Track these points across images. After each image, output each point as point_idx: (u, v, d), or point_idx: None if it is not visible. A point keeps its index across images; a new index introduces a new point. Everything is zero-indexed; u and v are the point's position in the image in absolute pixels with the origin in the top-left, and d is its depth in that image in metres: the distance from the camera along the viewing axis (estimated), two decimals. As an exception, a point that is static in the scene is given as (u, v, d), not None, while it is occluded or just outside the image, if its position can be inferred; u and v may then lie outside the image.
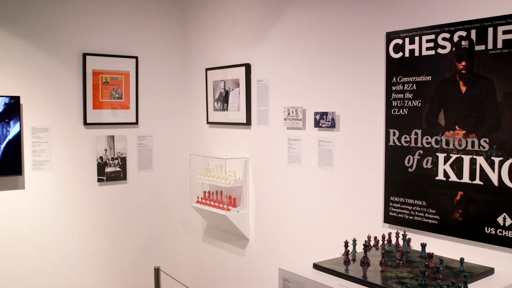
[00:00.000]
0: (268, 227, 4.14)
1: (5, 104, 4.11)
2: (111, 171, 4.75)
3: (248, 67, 4.22)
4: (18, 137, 4.18)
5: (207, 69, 4.70)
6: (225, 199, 4.38)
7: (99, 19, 4.62)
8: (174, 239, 5.19)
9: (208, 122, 4.76)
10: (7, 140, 4.14)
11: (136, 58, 4.81)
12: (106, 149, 4.71)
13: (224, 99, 4.51)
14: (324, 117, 3.51)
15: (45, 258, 4.46)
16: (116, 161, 4.78)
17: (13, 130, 4.16)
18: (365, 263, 2.60)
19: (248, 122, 4.26)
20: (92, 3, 4.58)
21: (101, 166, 4.69)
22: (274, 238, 4.07)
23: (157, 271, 4.11)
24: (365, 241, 2.73)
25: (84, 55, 4.53)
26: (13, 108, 4.15)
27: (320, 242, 3.63)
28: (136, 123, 4.86)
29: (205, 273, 4.99)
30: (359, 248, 2.80)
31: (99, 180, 4.69)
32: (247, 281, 4.41)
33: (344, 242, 2.71)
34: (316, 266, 2.61)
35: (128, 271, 4.92)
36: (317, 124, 3.58)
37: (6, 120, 4.12)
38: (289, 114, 3.81)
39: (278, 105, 3.96)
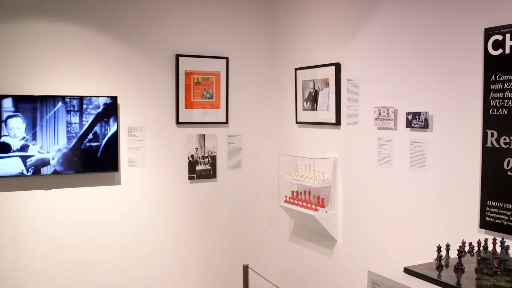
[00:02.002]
0: (356, 229, 4.07)
1: (104, 104, 4.32)
2: (201, 169, 4.87)
3: (338, 66, 4.17)
4: (115, 136, 4.39)
5: (296, 69, 4.70)
6: (313, 199, 4.35)
7: (191, 21, 4.75)
8: (262, 237, 5.23)
9: (297, 122, 4.76)
10: (106, 138, 4.35)
11: (227, 58, 4.89)
12: (197, 148, 4.83)
13: (313, 98, 4.49)
14: (417, 117, 3.40)
15: (134, 252, 4.65)
16: (206, 160, 4.88)
17: (111, 129, 4.37)
18: (459, 269, 2.49)
19: (338, 122, 4.21)
20: (184, 6, 4.71)
21: (192, 164, 4.82)
22: (363, 240, 4.00)
23: (245, 268, 4.15)
24: (460, 246, 2.62)
25: (177, 56, 4.67)
26: (111, 108, 4.35)
27: (411, 245, 3.52)
28: (226, 122, 4.94)
29: (292, 273, 4.99)
30: (453, 254, 2.69)
31: (190, 178, 4.82)
32: (334, 283, 4.37)
33: (437, 246, 2.61)
34: (407, 271, 2.53)
35: (216, 268, 5.01)
36: (409, 124, 3.48)
37: (105, 120, 4.33)
38: (380, 114, 3.72)
39: (368, 105, 3.89)
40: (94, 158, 4.31)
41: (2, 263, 4.17)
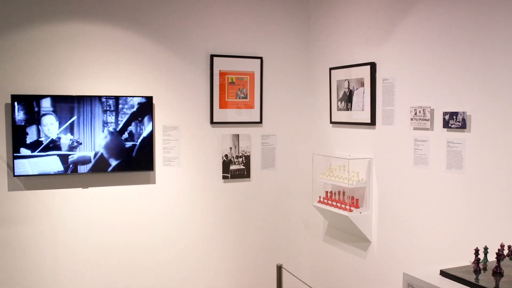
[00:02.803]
0: (391, 230, 4.02)
1: (139, 104, 4.38)
2: (235, 168, 4.88)
3: (373, 66, 4.13)
4: (150, 135, 4.44)
5: (331, 69, 4.67)
6: (348, 199, 4.32)
7: (226, 21, 4.77)
8: (295, 237, 5.22)
9: (331, 122, 4.73)
10: (141, 137, 4.41)
11: (261, 58, 4.90)
12: (231, 148, 4.85)
13: (347, 98, 4.46)
14: (454, 117, 3.34)
15: (168, 251, 4.70)
16: (240, 159, 4.90)
17: (146, 128, 4.42)
18: (497, 273, 2.43)
19: (373, 122, 4.17)
20: (219, 7, 4.73)
21: (226, 164, 4.84)
22: (398, 242, 3.95)
23: (279, 268, 4.15)
24: (498, 249, 2.56)
25: (212, 56, 4.70)
26: (147, 107, 4.41)
27: (447, 248, 3.46)
28: (260, 122, 4.95)
29: (325, 273, 4.97)
30: (491, 257, 2.63)
31: (223, 178, 4.84)
32: (368, 284, 4.32)
33: (475, 249, 2.56)
34: (444, 273, 2.49)
35: (249, 267, 5.02)
36: (446, 124, 3.41)
37: (140, 119, 4.39)
38: (416, 114, 3.67)
39: (404, 105, 3.84)
40: (130, 157, 4.37)
41: (40, 260, 4.27)
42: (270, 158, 5.03)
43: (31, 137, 4.07)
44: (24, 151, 4.06)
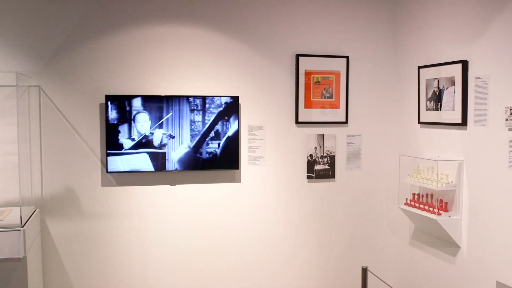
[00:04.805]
0: (483, 236, 3.84)
1: (226, 103, 4.46)
2: (320, 169, 4.86)
3: (465, 64, 3.97)
4: (236, 134, 4.51)
5: (419, 67, 4.53)
6: (436, 202, 4.18)
7: (311, 20, 4.75)
8: (380, 240, 5.12)
9: (419, 122, 4.59)
10: (226, 136, 4.49)
11: (347, 57, 4.84)
12: (315, 147, 4.83)
13: (437, 98, 4.31)
14: (554, 117, 3.14)
15: (253, 250, 4.76)
16: (325, 159, 4.87)
17: (232, 127, 4.49)
18: None
19: (464, 123, 4.00)
20: (304, 6, 4.72)
21: (310, 164, 4.82)
22: (491, 248, 3.77)
23: (364, 271, 4.09)
24: None
25: (297, 56, 4.70)
26: (233, 107, 4.48)
27: (545, 256, 3.27)
28: (346, 122, 4.89)
29: (411, 278, 4.83)
30: None
31: (308, 178, 4.83)
32: (458, 291, 4.17)
33: None
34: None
35: (333, 269, 4.98)
36: (544, 125, 3.23)
37: (226, 118, 4.47)
38: (511, 114, 3.49)
39: (498, 104, 3.66)
40: (216, 156, 4.46)
41: (130, 254, 4.46)
42: (356, 159, 4.96)
43: (123, 135, 4.26)
44: (116, 149, 4.25)
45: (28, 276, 3.66)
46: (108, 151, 4.24)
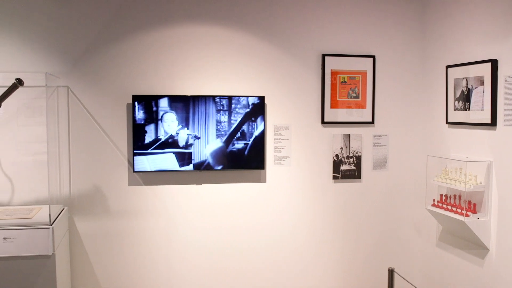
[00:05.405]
0: (512, 238, 3.78)
1: (252, 104, 4.46)
2: (346, 169, 4.83)
3: (494, 63, 3.90)
4: (262, 134, 4.51)
5: (447, 67, 4.48)
6: (464, 204, 4.12)
7: (337, 20, 4.72)
8: (407, 241, 5.06)
9: (447, 122, 4.53)
10: (253, 136, 4.49)
11: (374, 57, 4.80)
12: (341, 148, 4.80)
13: (465, 98, 4.25)
14: None
15: (278, 250, 4.75)
16: (351, 160, 4.84)
17: (259, 127, 4.50)
18: None
19: (493, 123, 3.94)
20: (330, 5, 4.70)
21: (336, 164, 4.80)
22: (520, 251, 3.70)
23: (391, 272, 4.06)
24: None
25: (323, 56, 4.68)
26: (259, 107, 4.48)
27: None
28: (372, 122, 4.85)
29: (438, 280, 4.77)
30: None
31: (334, 178, 4.81)
32: (486, 294, 4.10)
33: None
34: None
35: (358, 269, 4.95)
36: None
37: (253, 119, 4.48)
38: (541, 114, 3.42)
39: (528, 104, 3.59)
40: (242, 156, 4.47)
41: (155, 253, 4.50)
42: (382, 159, 4.92)
43: (149, 135, 4.30)
44: (142, 148, 4.30)
45: (57, 273, 3.72)
46: (134, 151, 4.29)
